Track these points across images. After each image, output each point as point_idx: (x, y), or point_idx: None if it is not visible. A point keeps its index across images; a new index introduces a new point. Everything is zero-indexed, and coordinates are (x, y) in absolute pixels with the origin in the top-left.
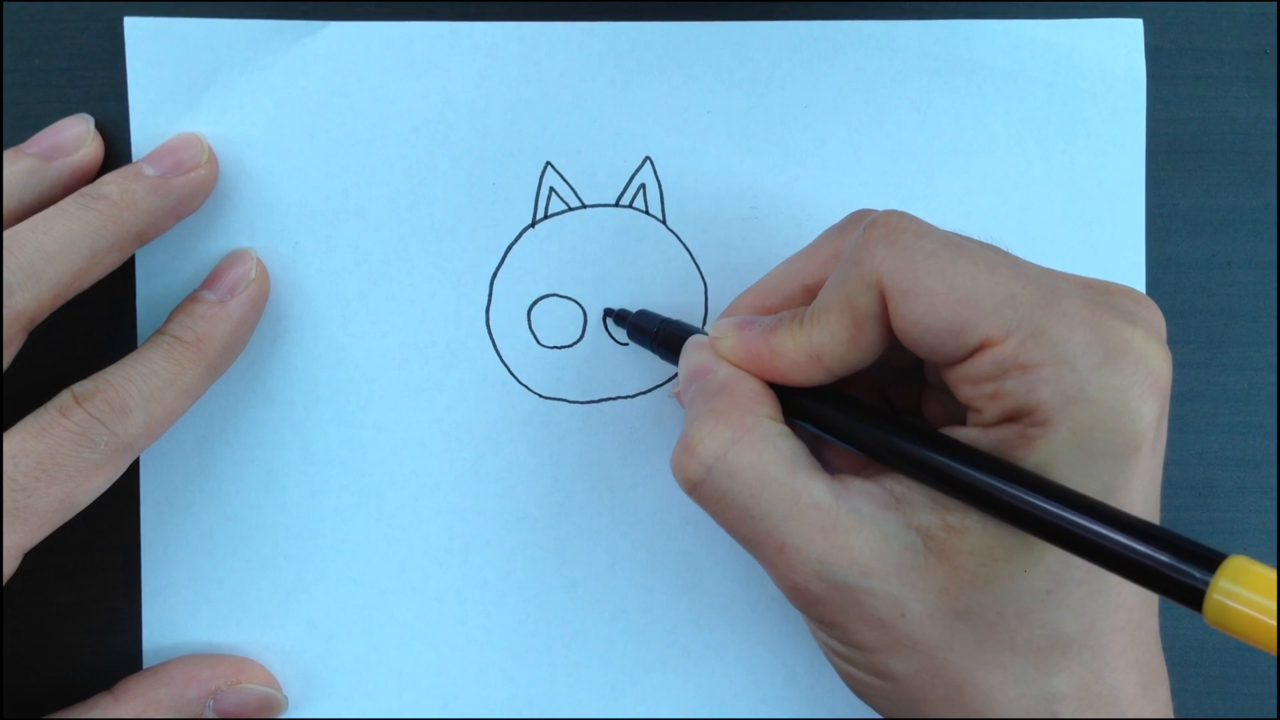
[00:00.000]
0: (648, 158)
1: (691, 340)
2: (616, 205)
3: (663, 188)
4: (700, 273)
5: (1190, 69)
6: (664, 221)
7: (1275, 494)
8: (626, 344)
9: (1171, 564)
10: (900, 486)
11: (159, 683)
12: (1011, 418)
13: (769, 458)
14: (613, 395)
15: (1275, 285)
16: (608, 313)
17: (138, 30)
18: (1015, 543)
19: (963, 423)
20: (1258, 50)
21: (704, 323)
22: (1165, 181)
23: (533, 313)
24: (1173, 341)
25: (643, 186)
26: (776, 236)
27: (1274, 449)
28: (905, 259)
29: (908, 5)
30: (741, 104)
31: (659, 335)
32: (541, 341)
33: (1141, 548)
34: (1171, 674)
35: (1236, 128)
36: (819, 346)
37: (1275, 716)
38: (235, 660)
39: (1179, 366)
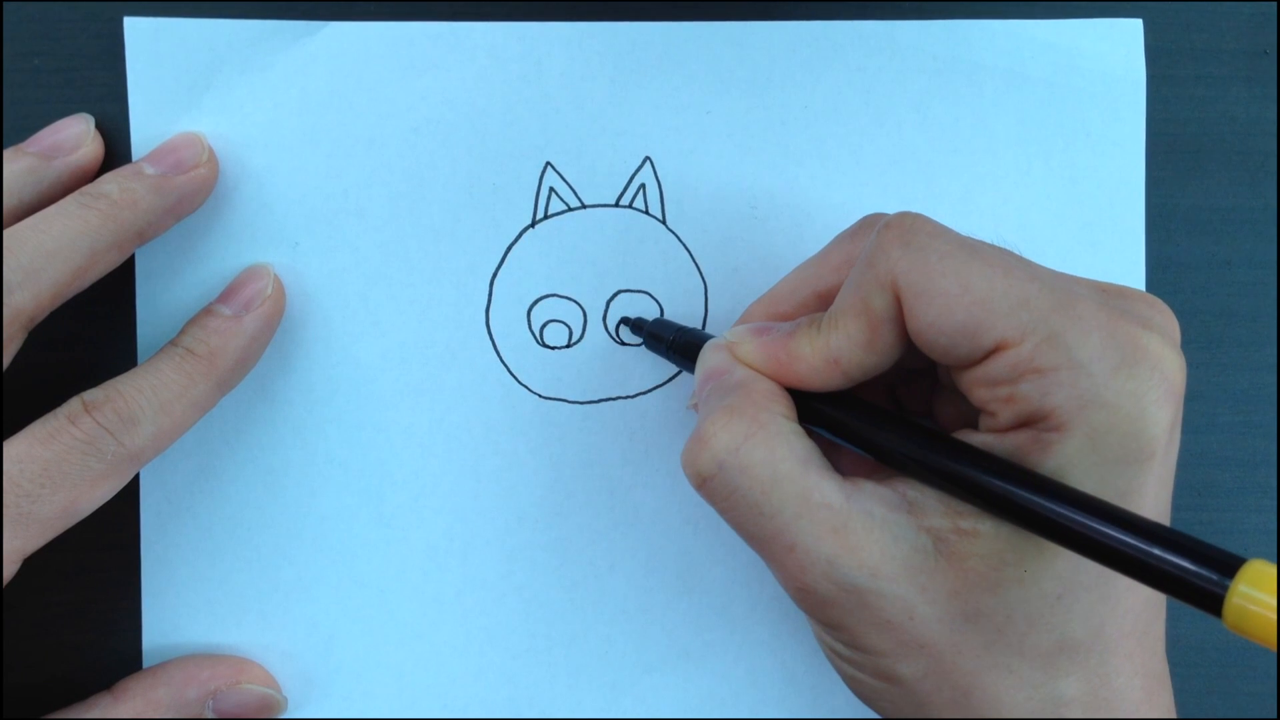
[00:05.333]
0: (648, 158)
1: (710, 344)
2: (616, 205)
3: (663, 188)
4: (700, 273)
5: (1190, 69)
6: (664, 221)
7: (1275, 494)
8: (626, 344)
9: (1191, 569)
10: (912, 490)
11: (158, 682)
12: (1026, 422)
13: (782, 454)
14: (613, 395)
15: (1275, 285)
16: (624, 321)
17: (138, 30)
18: (1027, 547)
19: (975, 426)
20: (1258, 50)
21: (704, 323)
22: (1165, 181)
23: (533, 313)
24: None
25: (643, 186)
26: (776, 236)
27: (1274, 449)
28: (920, 260)
29: (908, 5)
30: (741, 104)
31: (675, 343)
32: (541, 341)
33: (1161, 553)
34: (1172, 674)
35: (1236, 128)
36: (836, 351)
37: (1275, 717)
38: (235, 660)
39: None
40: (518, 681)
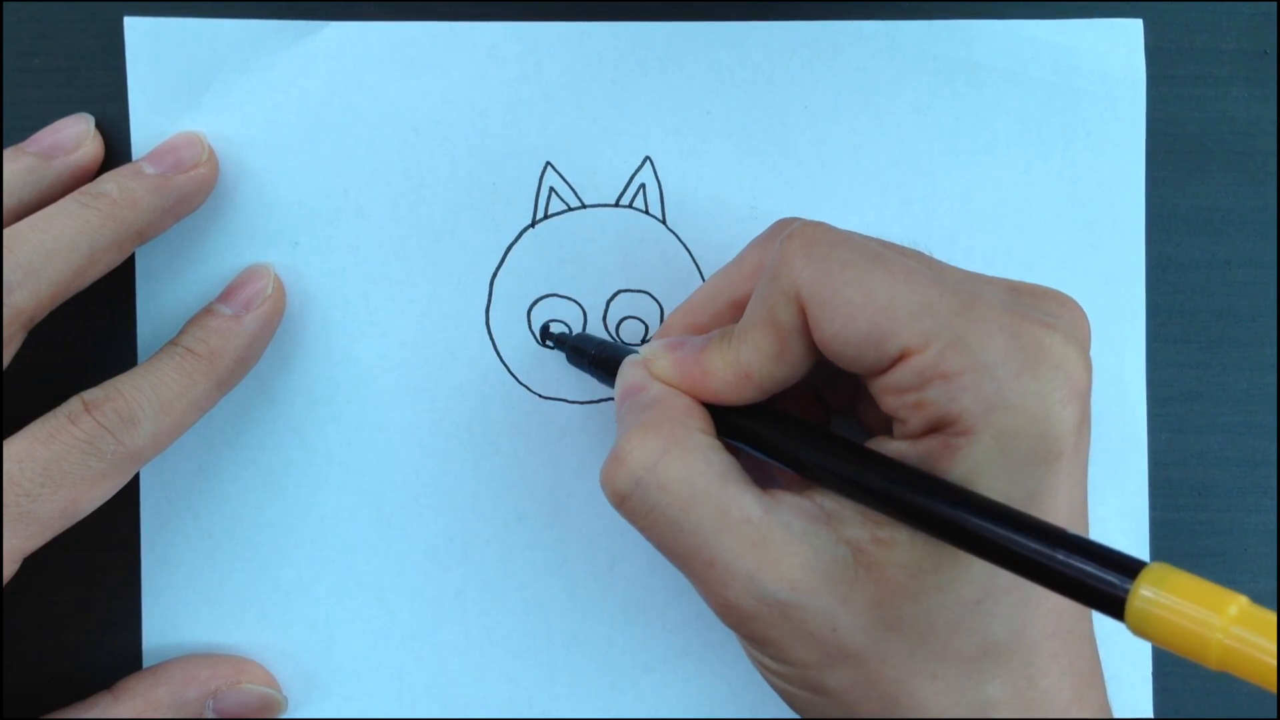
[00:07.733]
0: (648, 158)
1: (627, 360)
2: (616, 205)
3: (663, 188)
4: (700, 273)
5: (1190, 69)
6: (664, 221)
7: (1275, 494)
8: (626, 344)
9: (1092, 572)
10: (830, 501)
11: (159, 682)
12: (935, 428)
13: (699, 470)
14: (612, 395)
15: (1275, 285)
16: (545, 334)
17: (138, 30)
18: (943, 553)
19: (892, 430)
20: (1258, 50)
21: None
22: (1165, 181)
23: (533, 313)
24: (1173, 341)
25: (643, 186)
26: None
27: (1274, 449)
28: (823, 270)
29: (907, 5)
30: (741, 104)
31: (596, 358)
32: (541, 341)
33: (1061, 556)
34: (1172, 674)
35: (1236, 128)
36: (747, 364)
37: (1275, 717)
38: (235, 660)
39: (1179, 366)
40: (518, 681)
